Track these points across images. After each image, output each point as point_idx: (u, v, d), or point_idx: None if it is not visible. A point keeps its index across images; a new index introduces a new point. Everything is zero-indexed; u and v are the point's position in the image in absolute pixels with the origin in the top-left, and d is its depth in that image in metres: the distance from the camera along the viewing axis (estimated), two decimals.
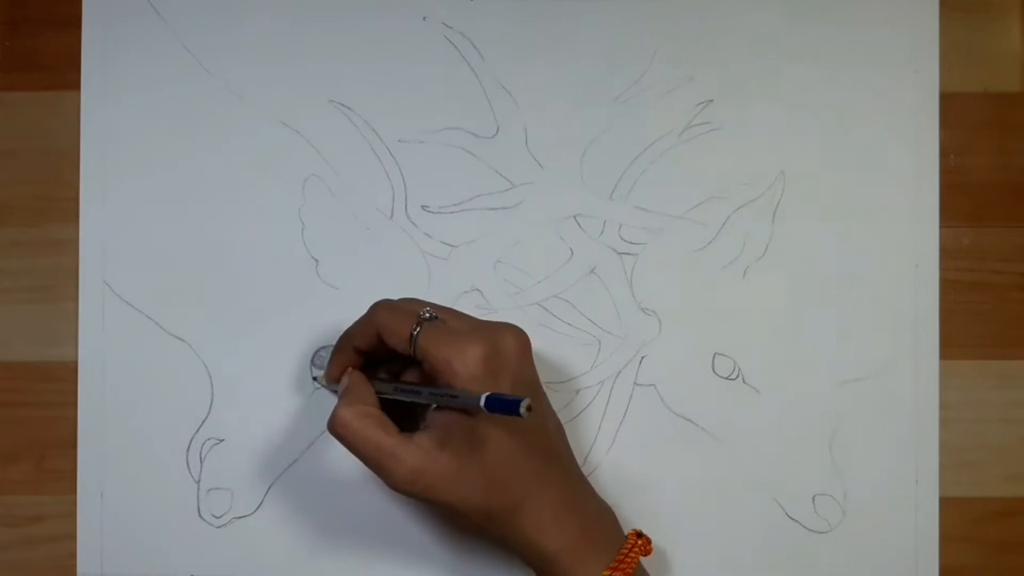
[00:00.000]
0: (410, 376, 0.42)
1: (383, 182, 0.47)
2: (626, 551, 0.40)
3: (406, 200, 0.47)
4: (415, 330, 0.39)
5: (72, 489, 0.46)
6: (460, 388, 0.38)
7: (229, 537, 0.46)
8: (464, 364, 0.38)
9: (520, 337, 0.40)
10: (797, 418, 0.46)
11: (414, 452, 0.38)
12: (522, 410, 0.35)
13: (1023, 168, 0.47)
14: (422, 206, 0.47)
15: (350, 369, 0.42)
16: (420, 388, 0.40)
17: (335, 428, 0.39)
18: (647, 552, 0.41)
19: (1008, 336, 0.47)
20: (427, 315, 0.40)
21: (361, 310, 0.41)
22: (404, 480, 0.38)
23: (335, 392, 0.43)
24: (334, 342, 0.43)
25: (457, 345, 0.38)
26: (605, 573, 0.39)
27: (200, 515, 0.46)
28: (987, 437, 0.47)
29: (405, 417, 0.41)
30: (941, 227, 0.47)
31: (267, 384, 0.46)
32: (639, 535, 0.42)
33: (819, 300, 0.46)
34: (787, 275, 0.47)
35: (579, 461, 0.44)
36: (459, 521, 0.39)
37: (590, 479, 0.44)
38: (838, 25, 0.47)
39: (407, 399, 0.41)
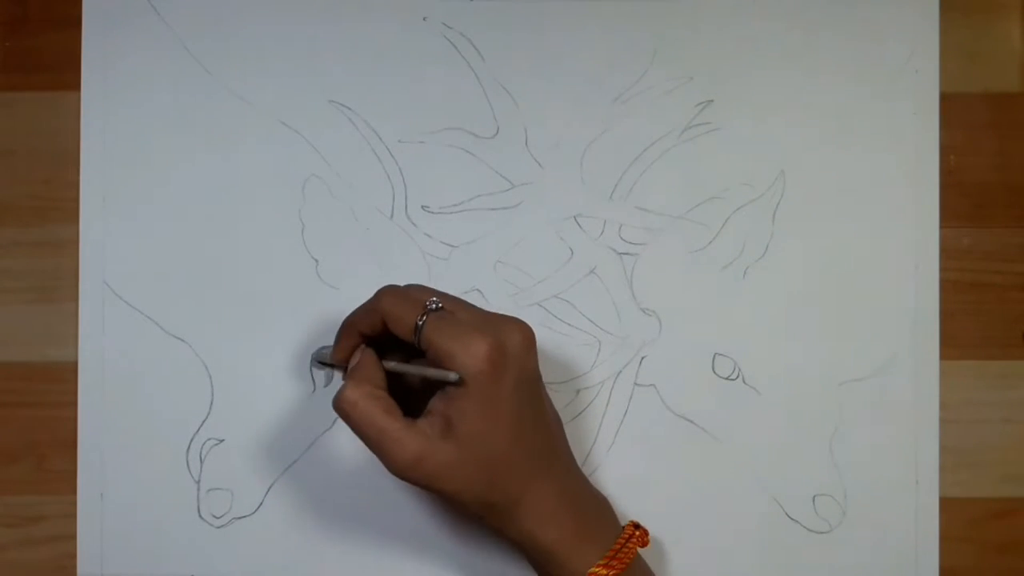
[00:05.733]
0: (413, 363, 0.42)
1: (383, 182, 0.47)
2: (622, 542, 0.40)
3: (406, 200, 0.47)
4: (421, 320, 0.39)
5: (72, 489, 0.46)
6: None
7: (229, 537, 0.46)
8: (469, 358, 0.38)
9: (525, 332, 0.40)
10: (797, 418, 0.46)
11: (417, 438, 0.38)
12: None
13: (1023, 168, 0.47)
14: (422, 206, 0.47)
15: (362, 347, 0.42)
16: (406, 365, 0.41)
17: (340, 406, 0.39)
18: (644, 543, 0.42)
19: (1008, 336, 0.47)
20: (433, 305, 0.39)
21: None
22: (405, 466, 0.38)
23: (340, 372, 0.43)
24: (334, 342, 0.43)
25: (463, 339, 0.38)
26: (601, 563, 0.39)
27: (200, 515, 0.46)
28: (987, 437, 0.47)
29: (411, 401, 0.41)
30: (941, 227, 0.47)
31: (267, 384, 0.46)
32: (636, 526, 0.42)
33: (819, 300, 0.46)
34: (787, 275, 0.47)
35: (579, 461, 0.44)
36: (458, 508, 0.39)
37: (591, 480, 0.44)
38: (838, 25, 0.47)
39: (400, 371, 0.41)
